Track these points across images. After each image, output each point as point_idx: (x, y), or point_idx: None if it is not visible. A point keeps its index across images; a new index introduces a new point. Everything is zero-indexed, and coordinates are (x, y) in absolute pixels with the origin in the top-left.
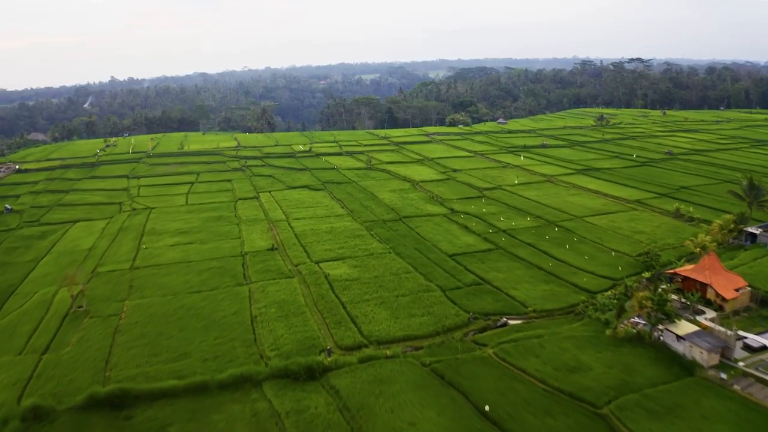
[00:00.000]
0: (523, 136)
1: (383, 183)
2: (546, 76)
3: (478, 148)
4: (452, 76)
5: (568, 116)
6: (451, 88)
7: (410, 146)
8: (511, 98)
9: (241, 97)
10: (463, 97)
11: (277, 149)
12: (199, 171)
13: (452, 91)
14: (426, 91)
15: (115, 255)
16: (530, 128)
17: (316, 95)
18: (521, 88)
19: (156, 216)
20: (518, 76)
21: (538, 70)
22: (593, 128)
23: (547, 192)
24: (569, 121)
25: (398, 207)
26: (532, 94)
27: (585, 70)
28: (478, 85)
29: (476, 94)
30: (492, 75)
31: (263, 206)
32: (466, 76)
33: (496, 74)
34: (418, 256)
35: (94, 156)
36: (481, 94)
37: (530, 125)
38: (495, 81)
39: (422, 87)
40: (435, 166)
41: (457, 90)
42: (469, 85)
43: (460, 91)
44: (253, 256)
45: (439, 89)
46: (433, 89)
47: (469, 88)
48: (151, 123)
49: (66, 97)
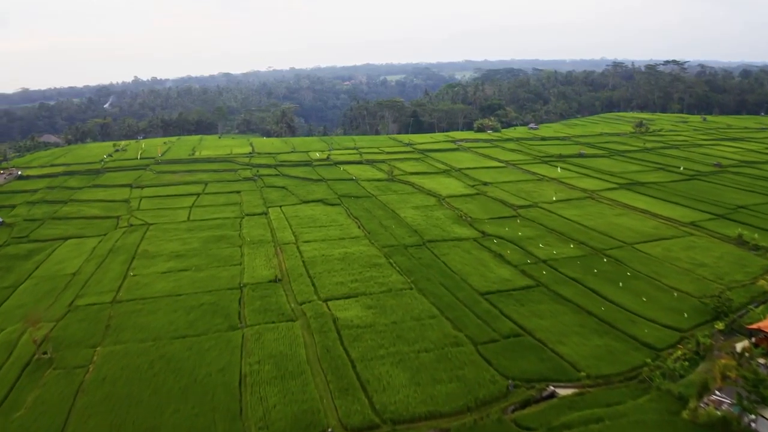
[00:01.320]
0: (558, 143)
1: (406, 198)
2: (576, 78)
3: (509, 157)
4: (479, 77)
5: (602, 121)
6: (478, 90)
7: (436, 154)
8: (541, 101)
9: (264, 98)
10: (491, 99)
11: (293, 156)
12: (208, 180)
13: (479, 93)
14: (452, 93)
15: (99, 283)
16: (564, 134)
17: (340, 96)
18: (551, 91)
19: (153, 234)
20: (548, 78)
21: (567, 71)
22: (632, 135)
23: (589, 211)
24: (604, 127)
25: (422, 228)
26: (562, 97)
27: (616, 72)
28: (506, 87)
29: (504, 96)
30: (520, 77)
31: (271, 224)
32: (493, 78)
33: (524, 76)
34: (445, 294)
35: (101, 162)
36: (509, 97)
37: (564, 131)
38: (524, 83)
39: (448, 89)
40: (463, 178)
41: (484, 92)
42: (497, 87)
43: (487, 94)
44: (253, 289)
45: (466, 91)
46: (459, 91)
47: (497, 90)
48: (167, 125)
49: (87, 97)
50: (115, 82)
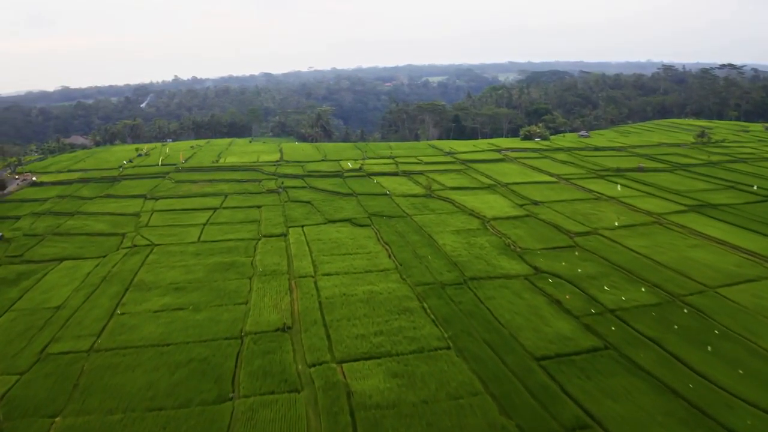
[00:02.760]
0: (613, 154)
1: (445, 219)
2: (626, 81)
3: (560, 170)
4: (523, 79)
5: (656, 129)
6: (523, 93)
7: (479, 165)
8: (590, 106)
9: (302, 99)
10: (537, 104)
11: (323, 166)
12: (228, 192)
13: (525, 96)
14: (496, 96)
15: (81, 323)
16: (619, 144)
17: (381, 98)
18: (599, 95)
19: (155, 259)
20: (596, 81)
21: (615, 74)
22: (693, 146)
23: (659, 241)
24: (661, 136)
25: (463, 260)
26: (612, 102)
27: (667, 76)
28: (553, 90)
29: (551, 100)
30: (566, 79)
31: (289, 249)
32: (538, 80)
33: (571, 78)
34: (490, 358)
35: (119, 168)
36: (556, 101)
37: (618, 140)
38: (571, 86)
39: (492, 91)
40: (510, 194)
41: (530, 96)
42: (543, 91)
43: (533, 97)
44: (255, 340)
45: (511, 94)
46: (503, 94)
47: (543, 93)
48: (198, 127)
49: (124, 96)
50: (155, 81)
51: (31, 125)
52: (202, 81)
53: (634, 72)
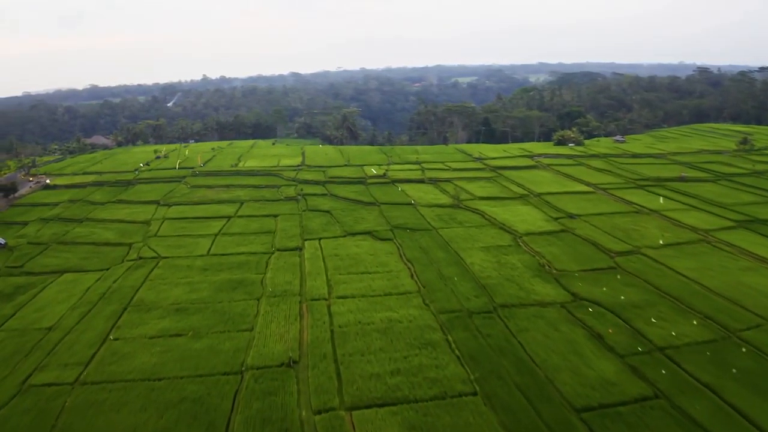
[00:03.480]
0: (652, 162)
1: (473, 233)
2: (661, 83)
3: (597, 179)
4: (554, 81)
5: (694, 134)
6: (555, 95)
7: (510, 173)
8: (624, 109)
9: (330, 100)
10: (570, 106)
11: (346, 171)
12: (244, 199)
13: (557, 98)
14: (527, 98)
15: (71, 348)
16: (657, 151)
17: (410, 98)
18: (633, 97)
19: (160, 274)
20: (629, 83)
21: (649, 76)
22: (736, 154)
23: (707, 263)
24: (700, 142)
25: (493, 283)
26: (647, 105)
27: (702, 79)
28: (585, 92)
29: (583, 102)
30: (599, 81)
31: (303, 266)
32: (570, 82)
33: (603, 80)
34: (523, 409)
35: (135, 171)
36: (589, 103)
37: (655, 146)
38: (604, 88)
39: (523, 93)
40: (544, 206)
41: (562, 98)
42: (575, 93)
43: (565, 99)
44: (257, 378)
45: (542, 96)
46: (535, 96)
47: (576, 95)
48: (222, 128)
49: (151, 95)
50: (183, 81)
51: (56, 124)
52: (230, 80)
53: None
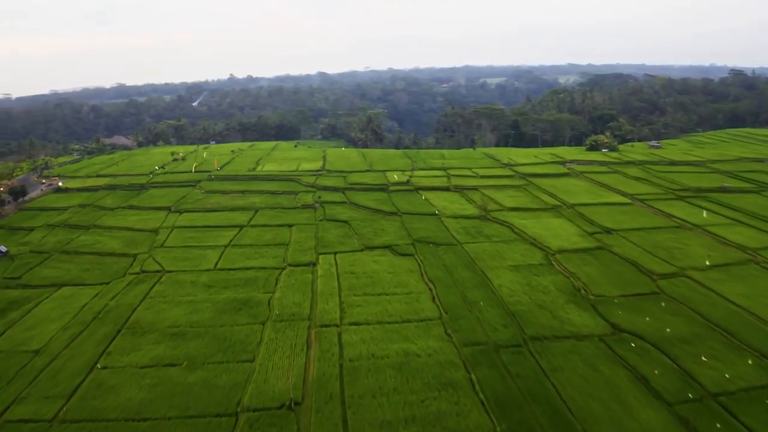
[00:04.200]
0: (690, 170)
1: (502, 249)
2: (694, 86)
3: (633, 188)
4: (585, 82)
5: (731, 139)
6: (586, 97)
7: (541, 180)
8: (657, 112)
9: (356, 100)
10: (602, 109)
11: (367, 177)
12: (260, 207)
13: (588, 101)
14: (557, 101)
15: (55, 376)
16: (695, 158)
17: (437, 99)
18: (666, 100)
19: (161, 291)
20: (662, 85)
21: (682, 78)
22: None
23: (758, 287)
24: (738, 148)
25: (523, 309)
26: (681, 108)
27: (737, 81)
28: (617, 94)
29: (615, 105)
30: (631, 83)
31: (315, 284)
32: (601, 84)
33: (635, 82)
34: None
35: (149, 175)
36: (621, 106)
37: (693, 153)
38: (636, 90)
39: (553, 95)
40: (577, 219)
41: (593, 100)
42: (607, 95)
43: (597, 102)
44: (252, 423)
45: (573, 98)
46: (565, 98)
47: (608, 98)
48: (245, 129)
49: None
50: (210, 80)
51: (81, 122)
52: (257, 80)
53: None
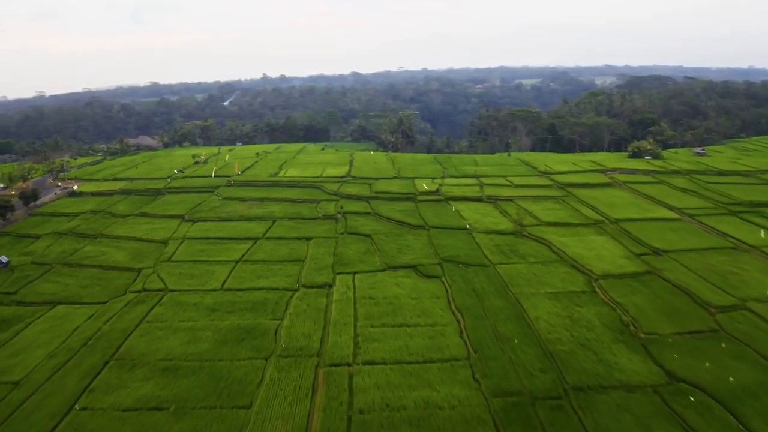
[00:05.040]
0: (741, 181)
1: (539, 272)
2: (736, 89)
3: (681, 201)
4: (622, 84)
5: None
6: (625, 100)
7: (581, 191)
8: (700, 116)
9: (389, 101)
10: (642, 113)
11: (395, 185)
12: (278, 216)
13: (627, 104)
14: (595, 103)
15: (29, 417)
16: (744, 167)
17: (471, 100)
18: (708, 104)
19: (161, 313)
20: (703, 88)
21: (723, 81)
22: None
23: None
24: None
25: (563, 350)
26: (724, 112)
27: None
28: (657, 97)
29: (655, 108)
30: (670, 85)
31: (329, 312)
32: (639, 86)
33: (675, 84)
34: None
35: (167, 179)
36: (661, 110)
37: (741, 161)
38: (677, 93)
39: (590, 97)
40: (622, 237)
41: (633, 103)
42: (646, 98)
43: (636, 105)
44: None
45: (611, 101)
46: (603, 100)
47: (647, 101)
48: (273, 130)
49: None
50: (243, 79)
51: (111, 121)
52: (290, 80)
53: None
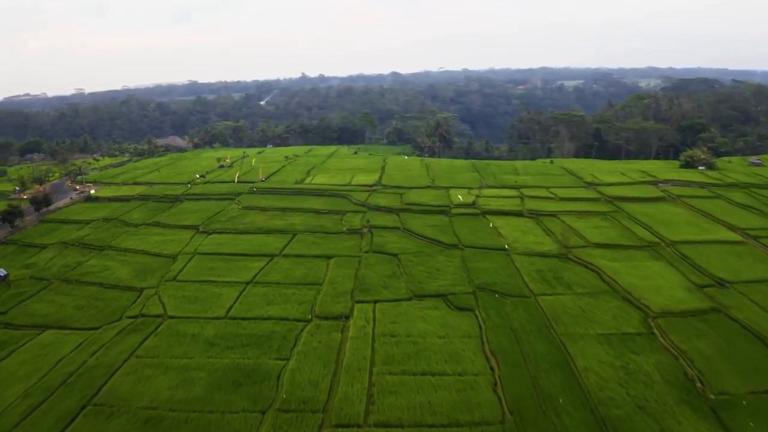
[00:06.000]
0: None
1: (587, 307)
2: None
3: (743, 220)
4: (668, 87)
5: None
6: (673, 104)
7: (631, 206)
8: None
9: (428, 102)
10: (691, 118)
11: (427, 196)
12: (299, 229)
13: (675, 108)
14: (642, 107)
15: None
16: None
17: (512, 102)
18: (758, 109)
19: (154, 346)
20: (753, 92)
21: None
22: None
23: None
24: None
25: (618, 414)
26: None
27: None
28: (706, 101)
29: (704, 113)
30: (718, 89)
31: (342, 352)
32: (686, 89)
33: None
34: None
35: (187, 185)
36: (710, 114)
37: None
38: (726, 98)
39: (636, 101)
40: (680, 263)
41: (681, 107)
42: (695, 102)
43: (685, 109)
44: None
45: (659, 104)
46: (650, 104)
47: (696, 105)
48: (306, 131)
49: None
50: (281, 78)
51: (146, 120)
52: (328, 79)
53: None
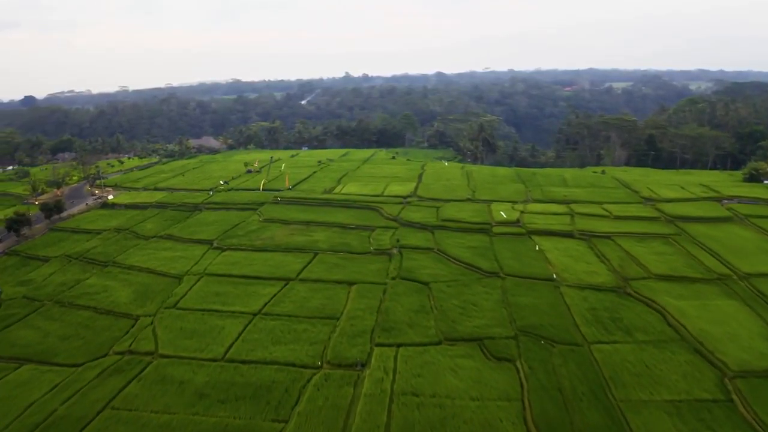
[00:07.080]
0: None
1: (652, 362)
2: None
3: None
4: (721, 91)
5: None
6: (729, 109)
7: (696, 228)
8: None
9: (472, 103)
10: (749, 124)
11: (466, 211)
12: (321, 248)
13: (732, 113)
14: (696, 112)
15: None
16: None
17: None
18: None
19: (133, 396)
20: None
21: None
22: None
23: None
24: None
25: None
26: None
27: None
28: (762, 107)
29: (762, 119)
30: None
31: (353, 415)
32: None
33: None
34: None
35: (209, 192)
36: (766, 120)
37: None
38: None
39: (690, 105)
40: (757, 303)
41: (738, 113)
42: (751, 107)
43: (742, 115)
44: None
45: (714, 109)
46: (704, 109)
47: (753, 111)
48: (343, 133)
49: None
50: (324, 78)
51: (186, 118)
52: (372, 79)
53: None
